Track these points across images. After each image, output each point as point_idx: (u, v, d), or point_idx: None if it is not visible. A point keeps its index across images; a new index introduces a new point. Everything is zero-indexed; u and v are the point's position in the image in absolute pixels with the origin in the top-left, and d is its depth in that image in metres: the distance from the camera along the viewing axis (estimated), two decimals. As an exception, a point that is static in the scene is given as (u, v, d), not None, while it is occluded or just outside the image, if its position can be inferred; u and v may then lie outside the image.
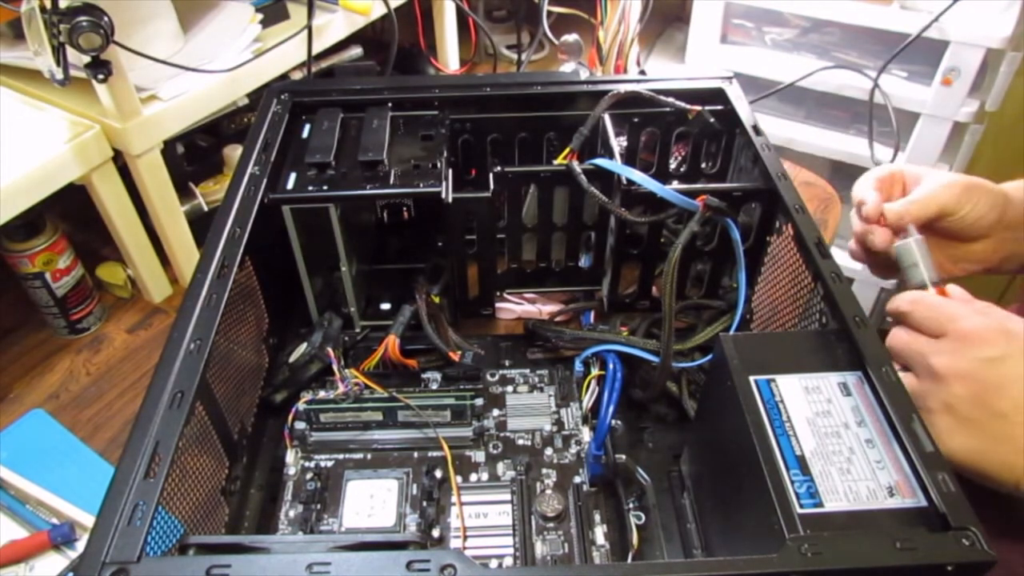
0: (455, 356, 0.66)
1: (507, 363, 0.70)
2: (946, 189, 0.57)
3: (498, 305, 0.75)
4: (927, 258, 0.55)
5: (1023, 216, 0.60)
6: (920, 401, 0.48)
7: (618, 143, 0.66)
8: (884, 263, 0.61)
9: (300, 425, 0.62)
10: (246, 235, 0.56)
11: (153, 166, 0.76)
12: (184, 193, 0.84)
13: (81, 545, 0.59)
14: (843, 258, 0.60)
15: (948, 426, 0.46)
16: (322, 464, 0.61)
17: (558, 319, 0.75)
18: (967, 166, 1.23)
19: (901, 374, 0.49)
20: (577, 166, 0.64)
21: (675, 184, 0.61)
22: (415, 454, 0.61)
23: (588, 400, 0.63)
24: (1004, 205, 0.59)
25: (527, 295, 0.77)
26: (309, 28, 0.86)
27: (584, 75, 0.84)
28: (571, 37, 0.94)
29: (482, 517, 0.57)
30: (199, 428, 0.48)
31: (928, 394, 0.47)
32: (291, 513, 0.57)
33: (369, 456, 0.61)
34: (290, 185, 0.61)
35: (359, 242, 0.70)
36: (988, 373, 0.45)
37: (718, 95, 0.70)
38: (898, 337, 0.51)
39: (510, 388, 0.67)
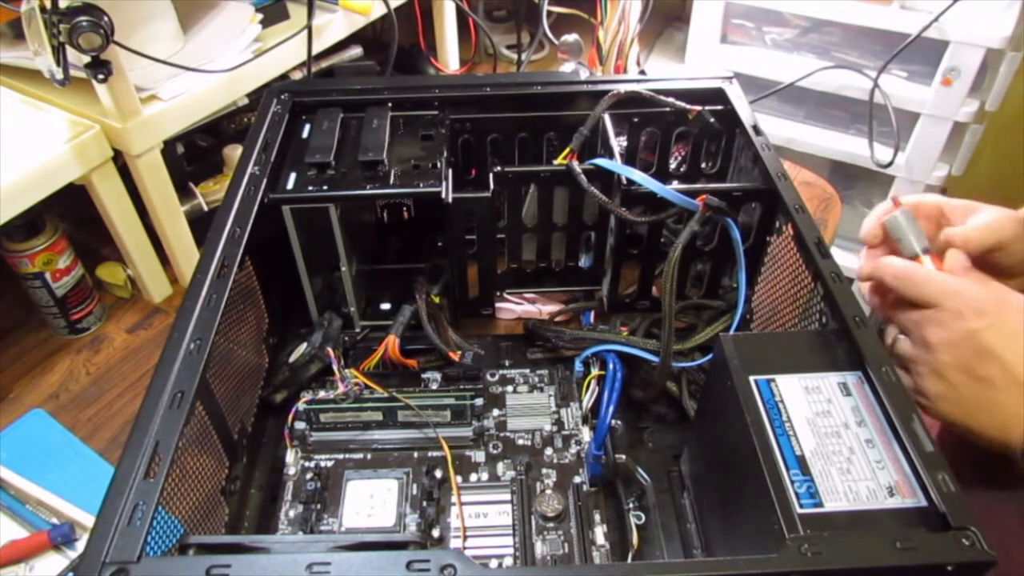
0: (455, 356, 0.66)
1: (507, 363, 0.70)
2: (1006, 222, 0.56)
3: (498, 305, 0.75)
4: (914, 228, 0.56)
5: None
6: (914, 366, 0.52)
7: (618, 143, 0.66)
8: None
9: (300, 425, 0.62)
10: (246, 235, 0.56)
11: (153, 166, 0.76)
12: (184, 193, 0.84)
13: (81, 545, 0.59)
14: (843, 258, 0.59)
15: (938, 391, 0.50)
16: (322, 464, 0.61)
17: (558, 319, 0.75)
18: (967, 166, 1.23)
19: (900, 338, 0.53)
20: (577, 166, 0.64)
21: (675, 184, 0.61)
22: (415, 454, 0.61)
23: (588, 400, 0.63)
24: None
25: (527, 295, 0.77)
26: (309, 28, 0.86)
27: (584, 75, 0.84)
28: (571, 37, 0.94)
29: (482, 517, 0.57)
30: (199, 428, 0.48)
31: (920, 360, 0.51)
32: (291, 513, 0.57)
33: (369, 456, 0.61)
34: (290, 185, 0.61)
35: (359, 242, 0.70)
36: (974, 341, 0.48)
37: (718, 95, 0.70)
38: (895, 307, 0.54)
39: (510, 388, 0.67)
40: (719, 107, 0.69)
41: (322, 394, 0.62)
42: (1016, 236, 0.56)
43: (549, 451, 0.62)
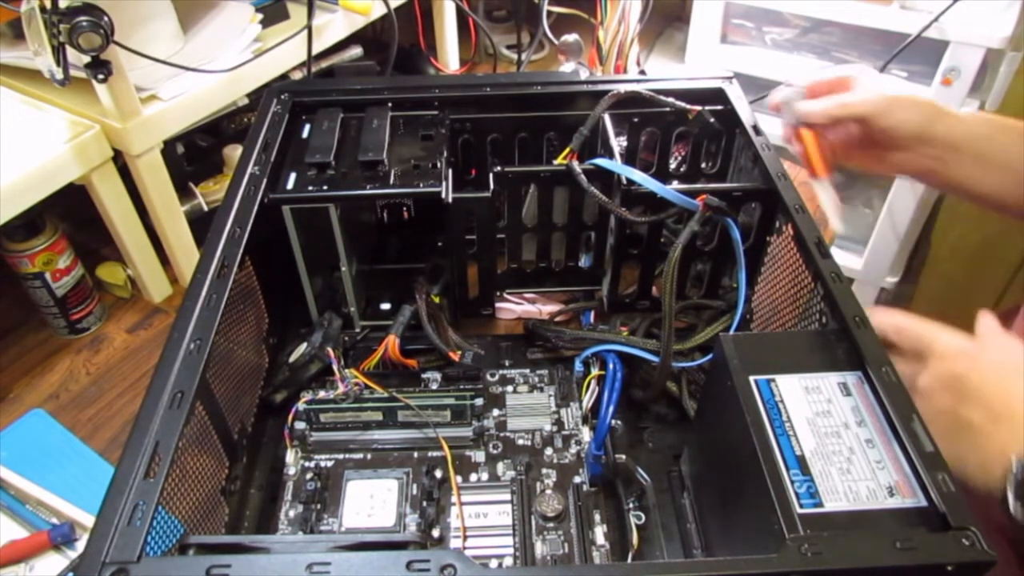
0: (455, 356, 0.66)
1: (507, 363, 0.70)
2: (870, 100, 0.63)
3: (498, 305, 0.75)
4: (797, 102, 0.66)
5: (945, 139, 0.63)
6: None
7: (618, 143, 0.66)
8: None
9: (300, 425, 0.62)
10: (246, 235, 0.56)
11: (153, 166, 0.76)
12: (184, 193, 0.84)
13: (81, 545, 0.59)
14: (843, 258, 0.60)
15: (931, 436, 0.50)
16: (322, 464, 0.61)
17: (558, 319, 0.75)
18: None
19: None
20: (577, 166, 0.64)
21: (675, 184, 0.61)
22: (415, 454, 0.61)
23: (588, 400, 0.63)
24: (928, 123, 0.63)
25: (527, 295, 0.77)
26: (309, 28, 0.86)
27: (584, 75, 0.84)
28: (571, 37, 0.94)
29: (482, 517, 0.57)
30: (199, 428, 0.48)
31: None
32: (291, 513, 0.57)
33: (369, 456, 0.61)
34: (290, 185, 0.62)
35: (359, 242, 0.70)
36: (958, 384, 0.49)
37: (718, 95, 0.70)
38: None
39: (510, 388, 0.67)
40: (719, 107, 0.69)
41: (322, 394, 0.62)
42: (879, 110, 0.63)
43: (549, 451, 0.62)
